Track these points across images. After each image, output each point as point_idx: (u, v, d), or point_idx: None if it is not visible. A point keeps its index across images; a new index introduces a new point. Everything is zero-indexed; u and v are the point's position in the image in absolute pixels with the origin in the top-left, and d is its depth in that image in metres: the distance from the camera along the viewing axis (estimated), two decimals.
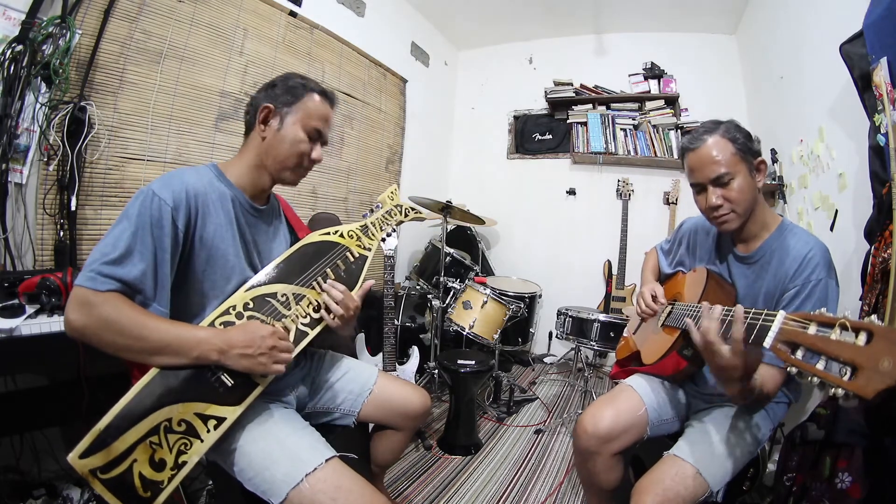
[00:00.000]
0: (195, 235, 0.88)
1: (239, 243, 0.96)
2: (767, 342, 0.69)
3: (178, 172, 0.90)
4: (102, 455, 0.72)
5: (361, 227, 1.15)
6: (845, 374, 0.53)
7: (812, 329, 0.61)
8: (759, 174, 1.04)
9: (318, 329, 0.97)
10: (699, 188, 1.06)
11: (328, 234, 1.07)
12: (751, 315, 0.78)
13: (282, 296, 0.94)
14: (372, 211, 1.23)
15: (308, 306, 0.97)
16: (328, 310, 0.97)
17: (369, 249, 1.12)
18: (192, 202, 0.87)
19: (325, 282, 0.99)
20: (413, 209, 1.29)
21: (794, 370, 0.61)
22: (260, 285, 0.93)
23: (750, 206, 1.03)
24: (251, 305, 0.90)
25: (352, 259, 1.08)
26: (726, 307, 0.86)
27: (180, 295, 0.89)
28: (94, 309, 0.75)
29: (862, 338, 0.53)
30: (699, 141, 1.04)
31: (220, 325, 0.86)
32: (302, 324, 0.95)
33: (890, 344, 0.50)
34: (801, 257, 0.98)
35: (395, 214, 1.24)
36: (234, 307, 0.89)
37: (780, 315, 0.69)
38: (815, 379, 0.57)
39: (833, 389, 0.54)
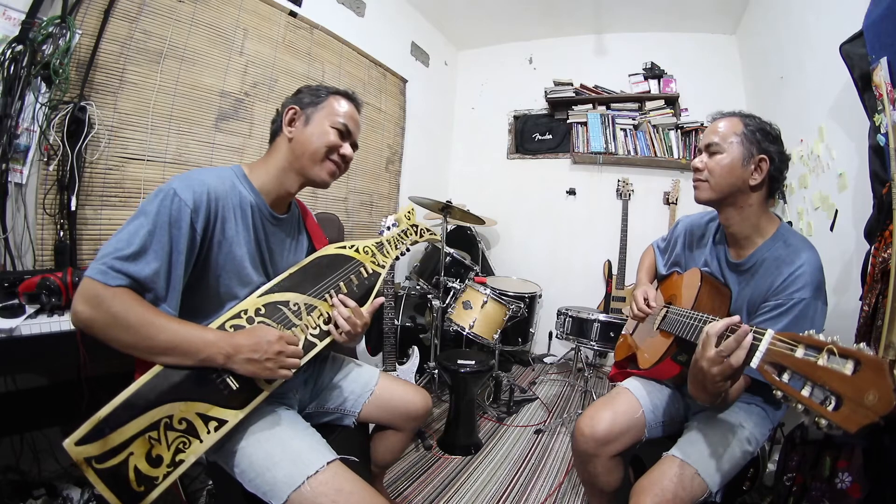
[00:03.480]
0: (213, 239, 0.87)
1: (255, 250, 0.96)
2: (754, 362, 0.68)
3: (200, 173, 0.88)
4: (99, 444, 0.72)
5: (377, 243, 1.15)
6: (830, 403, 0.52)
7: (800, 352, 0.59)
8: (756, 171, 1.01)
9: (326, 341, 0.97)
10: (698, 151, 1.11)
11: (344, 247, 1.08)
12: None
13: (294, 305, 0.94)
14: (389, 228, 1.23)
15: (319, 318, 0.97)
16: (336, 324, 0.97)
17: (383, 267, 1.13)
18: (213, 205, 0.86)
19: (336, 295, 0.99)
20: (428, 230, 1.31)
21: (779, 393, 0.59)
22: (273, 292, 0.93)
23: (727, 188, 1.03)
24: (262, 311, 0.90)
25: (365, 275, 1.08)
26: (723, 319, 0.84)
27: (193, 296, 0.88)
28: (102, 302, 0.74)
29: (849, 366, 0.51)
30: (720, 115, 1.10)
31: (231, 328, 0.86)
32: (311, 335, 0.95)
33: (876, 375, 0.49)
34: (788, 273, 0.95)
35: (411, 234, 1.26)
36: (245, 311, 0.89)
37: (769, 334, 0.67)
38: (800, 406, 0.56)
39: (817, 418, 0.52)
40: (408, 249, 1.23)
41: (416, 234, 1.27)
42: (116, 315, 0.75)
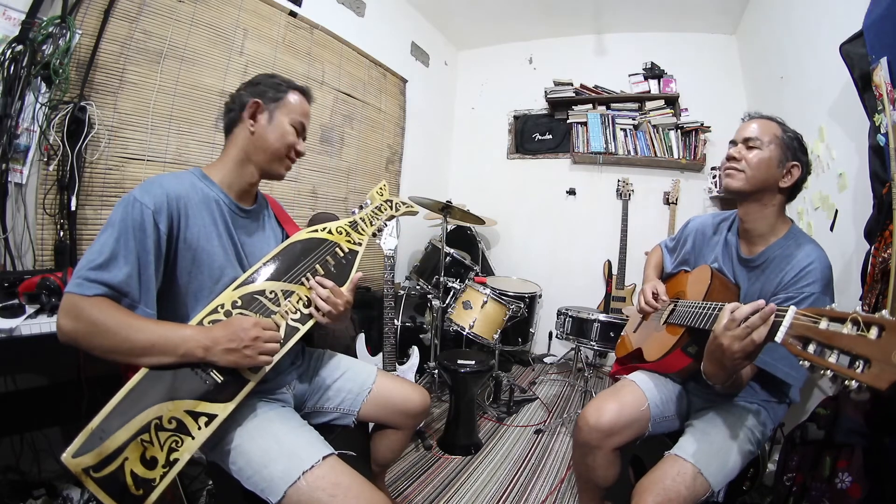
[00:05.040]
0: (179, 237, 0.89)
1: (227, 243, 0.96)
2: (779, 337, 0.70)
3: (157, 178, 0.91)
4: (95, 454, 0.72)
5: (350, 222, 1.14)
6: (858, 366, 0.54)
7: (823, 324, 0.62)
8: (787, 174, 1.05)
9: (309, 324, 0.97)
10: (732, 144, 1.11)
11: (315, 231, 1.07)
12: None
13: (270, 293, 0.94)
14: (361, 207, 1.22)
15: (298, 302, 0.97)
16: (317, 307, 0.97)
17: (359, 244, 1.12)
18: (174, 205, 0.88)
19: (313, 277, 1.00)
20: (404, 203, 1.29)
21: (806, 364, 0.62)
22: (248, 283, 0.94)
23: (759, 182, 1.05)
24: (239, 304, 0.91)
25: (341, 254, 1.07)
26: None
27: (170, 296, 0.89)
28: (82, 313, 0.76)
29: (874, 332, 0.54)
30: (758, 115, 1.12)
31: (209, 323, 0.87)
32: (292, 319, 0.95)
33: None
34: (799, 268, 0.99)
35: (386, 209, 1.24)
36: (222, 306, 0.89)
37: (792, 310, 0.69)
38: (829, 372, 0.58)
39: (846, 381, 0.55)
40: (385, 224, 1.22)
41: (392, 209, 1.25)
42: (96, 322, 0.76)
